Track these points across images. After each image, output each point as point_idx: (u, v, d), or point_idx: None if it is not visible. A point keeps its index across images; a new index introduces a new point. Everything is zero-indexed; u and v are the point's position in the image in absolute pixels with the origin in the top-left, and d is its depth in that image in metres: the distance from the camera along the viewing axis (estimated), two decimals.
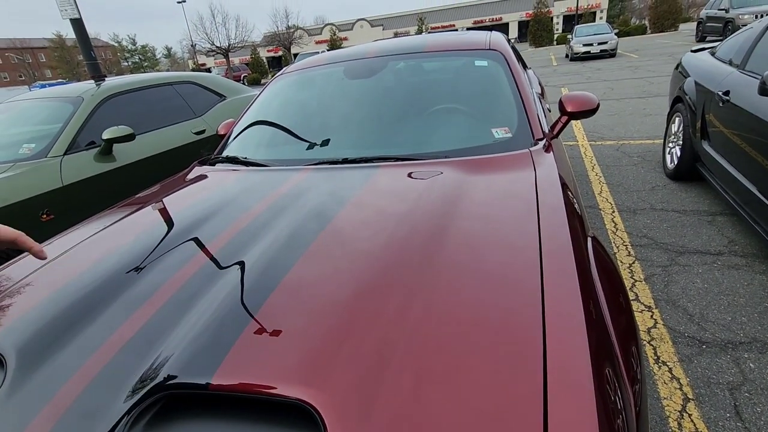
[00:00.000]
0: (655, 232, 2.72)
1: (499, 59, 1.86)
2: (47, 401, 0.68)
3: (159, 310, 0.84)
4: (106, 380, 0.70)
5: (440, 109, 1.77)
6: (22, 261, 1.25)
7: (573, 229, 0.98)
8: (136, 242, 1.16)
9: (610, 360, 0.68)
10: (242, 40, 37.79)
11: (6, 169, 2.43)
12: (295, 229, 1.07)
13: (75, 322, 0.85)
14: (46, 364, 0.76)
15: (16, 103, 3.23)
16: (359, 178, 1.36)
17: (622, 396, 0.64)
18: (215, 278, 0.92)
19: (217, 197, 1.38)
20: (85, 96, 2.96)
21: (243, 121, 2.08)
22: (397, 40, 2.31)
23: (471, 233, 0.98)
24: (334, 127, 1.84)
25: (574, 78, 10.68)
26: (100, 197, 2.73)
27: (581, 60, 15.13)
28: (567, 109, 1.68)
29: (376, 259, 0.90)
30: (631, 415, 0.63)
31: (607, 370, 0.64)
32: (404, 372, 0.63)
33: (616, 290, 0.92)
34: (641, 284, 2.21)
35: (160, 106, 3.41)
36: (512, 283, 0.80)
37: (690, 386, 1.58)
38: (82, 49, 6.85)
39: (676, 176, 3.44)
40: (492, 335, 0.68)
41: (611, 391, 0.62)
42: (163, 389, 0.65)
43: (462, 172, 1.31)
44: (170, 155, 3.22)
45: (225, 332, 0.74)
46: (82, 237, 1.30)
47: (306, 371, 0.65)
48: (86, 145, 2.78)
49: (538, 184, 1.19)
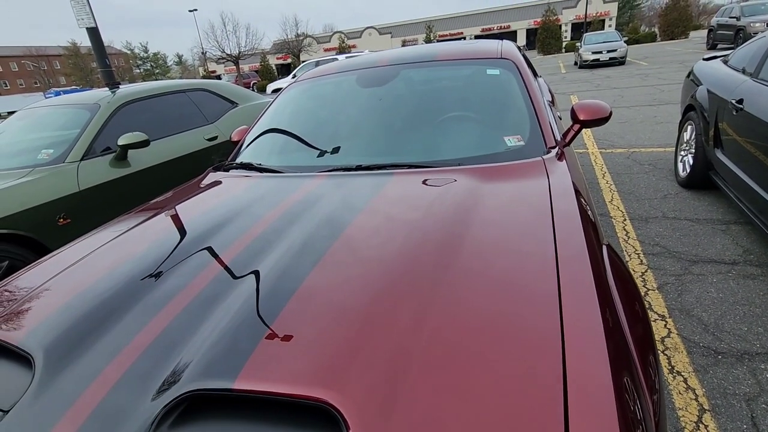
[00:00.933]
0: (668, 240, 2.70)
1: (511, 68, 1.87)
2: (74, 401, 0.70)
3: (178, 315, 0.86)
4: (131, 382, 0.72)
5: (452, 117, 1.79)
6: (43, 264, 1.28)
7: (588, 236, 0.98)
8: (153, 248, 1.18)
9: (628, 369, 0.67)
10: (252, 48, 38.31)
11: (25, 174, 2.49)
12: (309, 237, 1.08)
13: (97, 325, 0.87)
14: (72, 365, 0.78)
15: (35, 109, 3.31)
16: (373, 186, 1.37)
17: (641, 406, 0.64)
18: (232, 285, 0.93)
19: (232, 204, 1.40)
20: (102, 103, 3.02)
21: (257, 128, 2.11)
22: (408, 49, 2.34)
23: (486, 241, 0.98)
24: (347, 134, 1.86)
25: (583, 86, 10.66)
26: (115, 202, 2.78)
27: (590, 68, 15.10)
28: (579, 117, 1.69)
29: (392, 266, 0.91)
30: (651, 425, 0.63)
31: (626, 380, 0.64)
32: (421, 377, 0.64)
33: (632, 298, 0.92)
34: (654, 293, 2.18)
35: (174, 112, 3.48)
36: (529, 291, 0.80)
37: (706, 397, 1.56)
38: (97, 57, 7.00)
39: (689, 184, 3.41)
40: (509, 343, 0.69)
41: (631, 401, 0.62)
42: (187, 390, 0.66)
43: (475, 179, 1.32)
44: (183, 161, 3.27)
45: (245, 337, 0.76)
46: (102, 241, 1.33)
47: (327, 374, 0.66)
48: (102, 150, 2.84)
49: (552, 192, 1.19)
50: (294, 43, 40.94)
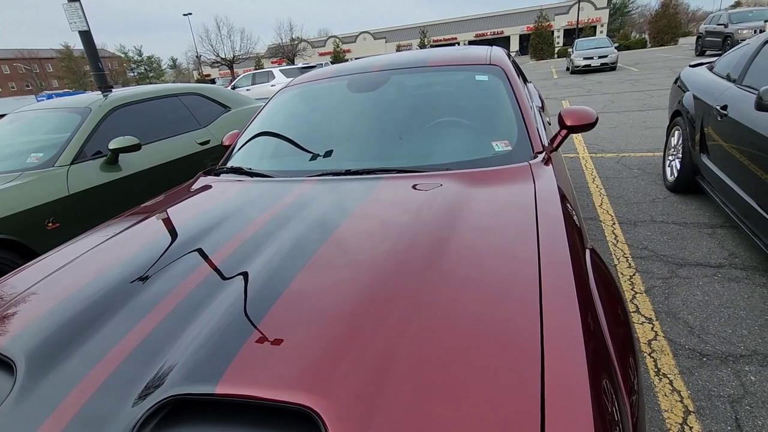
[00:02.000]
0: (656, 244, 2.73)
1: (500, 74, 1.90)
2: (56, 406, 0.70)
3: (164, 319, 0.86)
4: (114, 386, 0.72)
5: (441, 122, 1.81)
6: (29, 269, 1.28)
7: (572, 241, 1.00)
8: (141, 252, 1.18)
9: (607, 371, 0.69)
10: (247, 52, 38.31)
11: (14, 178, 2.47)
12: (298, 240, 1.09)
13: (82, 331, 0.87)
14: (54, 370, 0.78)
15: (25, 112, 3.28)
16: (362, 190, 1.39)
17: (619, 407, 0.65)
18: (219, 288, 0.93)
19: (222, 208, 1.41)
20: (93, 107, 3.01)
21: (248, 133, 2.12)
22: (399, 55, 2.36)
23: (471, 245, 1.00)
24: (337, 139, 1.88)
25: (575, 91, 10.78)
26: (106, 206, 2.76)
27: (582, 73, 15.27)
28: (566, 122, 1.71)
29: (378, 270, 0.92)
30: (628, 426, 0.64)
31: (604, 382, 0.65)
32: (404, 381, 0.65)
33: (615, 302, 0.94)
34: (642, 296, 2.21)
35: (166, 116, 3.47)
36: (511, 294, 0.82)
37: (691, 399, 1.58)
38: (90, 60, 6.97)
39: (676, 189, 3.46)
40: (490, 346, 0.70)
41: (608, 402, 0.63)
42: (169, 395, 0.66)
43: (462, 184, 1.34)
44: (175, 165, 3.26)
45: (229, 340, 0.76)
46: (90, 245, 1.32)
47: (309, 378, 0.66)
48: (93, 154, 2.83)
49: (538, 197, 1.21)
50: (288, 48, 41.02)
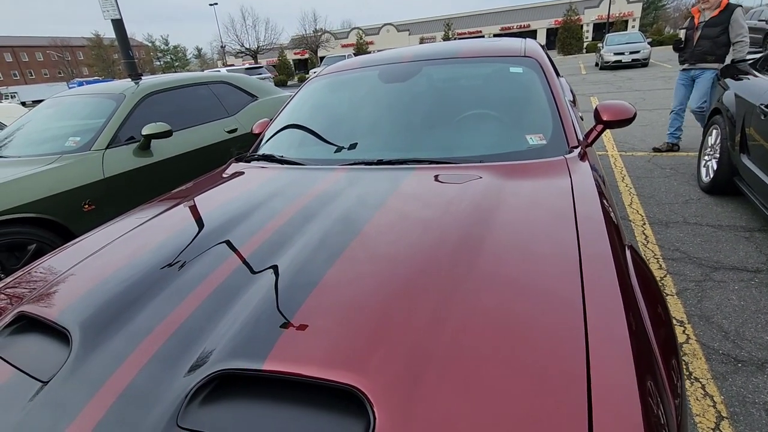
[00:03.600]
0: (688, 246, 2.65)
1: (535, 66, 1.86)
2: (109, 375, 0.73)
3: (205, 300, 0.88)
4: (162, 361, 0.74)
5: (474, 114, 1.78)
6: (72, 247, 1.33)
7: (611, 238, 0.98)
8: (180, 234, 1.21)
9: (652, 373, 0.67)
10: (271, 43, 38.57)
11: (54, 160, 2.57)
12: (333, 228, 1.10)
13: (126, 308, 0.90)
14: (105, 342, 0.81)
15: (63, 98, 3.40)
16: (393, 180, 1.38)
17: (664, 409, 0.63)
18: (257, 272, 0.95)
19: (255, 195, 1.43)
20: (127, 93, 3.09)
21: (279, 121, 2.14)
22: (431, 45, 2.33)
23: (509, 240, 0.98)
24: (369, 128, 1.88)
25: (603, 87, 10.48)
26: (138, 190, 2.84)
27: (612, 69, 14.82)
28: (603, 117, 1.67)
29: (413, 263, 0.91)
30: (674, 429, 0.63)
31: (650, 384, 0.64)
32: (447, 371, 0.65)
33: (656, 301, 0.91)
34: (673, 299, 2.15)
35: (196, 104, 3.53)
36: (552, 292, 0.80)
37: (724, 404, 1.53)
38: (121, 48, 7.14)
39: (712, 190, 3.33)
40: (533, 342, 0.69)
41: (654, 405, 0.61)
42: (218, 369, 0.68)
43: (497, 177, 1.32)
44: (203, 152, 3.33)
45: (272, 322, 0.78)
46: (128, 227, 1.36)
47: (353, 359, 0.67)
48: (126, 140, 2.91)
49: (575, 192, 1.18)
50: (312, 39, 41.10)
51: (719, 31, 3.98)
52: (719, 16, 3.97)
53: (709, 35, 4.03)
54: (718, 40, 3.99)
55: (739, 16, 3.90)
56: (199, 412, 0.65)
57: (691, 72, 4.25)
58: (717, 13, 3.98)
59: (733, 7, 3.95)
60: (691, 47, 4.18)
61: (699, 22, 4.10)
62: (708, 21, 4.02)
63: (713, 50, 4.03)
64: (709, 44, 4.03)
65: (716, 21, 3.98)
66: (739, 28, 3.90)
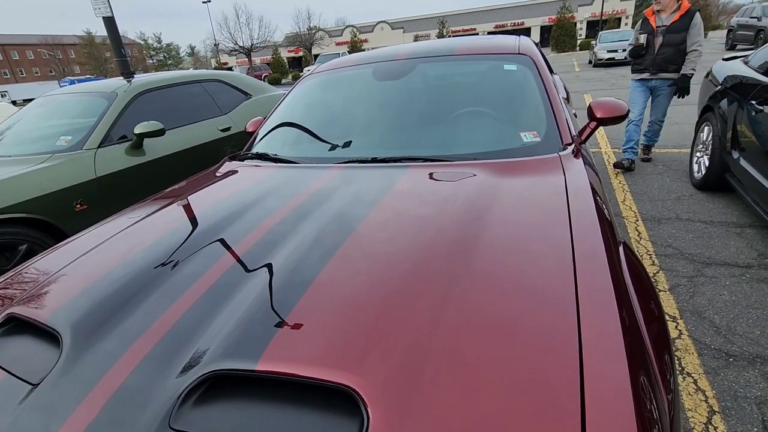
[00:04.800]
0: (681, 242, 2.67)
1: (529, 64, 1.86)
2: (101, 377, 0.72)
3: (197, 301, 0.87)
4: (154, 362, 0.73)
5: (468, 111, 1.79)
6: (63, 248, 1.31)
7: (605, 234, 0.98)
8: (172, 234, 1.20)
9: (645, 369, 0.67)
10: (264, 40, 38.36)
11: (45, 160, 2.54)
12: (327, 228, 1.09)
13: (118, 309, 0.89)
14: (96, 344, 0.80)
15: (54, 96, 3.36)
16: (387, 179, 1.38)
17: (657, 405, 0.64)
18: (250, 272, 0.94)
19: (249, 194, 1.42)
20: (119, 91, 3.06)
21: (272, 119, 2.13)
22: (426, 43, 2.33)
23: (502, 237, 0.98)
24: (362, 126, 1.87)
25: (597, 84, 10.53)
26: (130, 189, 2.82)
27: (605, 66, 14.90)
28: (596, 114, 1.67)
29: (409, 260, 0.91)
30: (666, 424, 0.63)
31: (642, 379, 0.64)
32: (441, 370, 0.65)
33: (648, 297, 0.92)
34: (665, 294, 2.17)
35: (189, 103, 3.50)
36: (546, 289, 0.80)
37: (716, 399, 1.55)
38: (113, 46, 7.06)
39: (704, 186, 3.37)
40: (527, 341, 0.69)
41: (647, 401, 0.62)
42: (211, 370, 0.68)
43: (491, 174, 1.32)
44: (197, 151, 3.31)
45: (265, 322, 0.77)
46: (119, 227, 1.35)
47: (347, 359, 0.67)
48: (119, 138, 2.88)
49: (569, 189, 1.19)
50: (306, 37, 40.91)
51: (682, 38, 3.62)
52: (681, 21, 3.60)
53: (673, 42, 3.65)
54: (681, 48, 3.64)
55: (700, 23, 3.60)
56: (192, 413, 0.64)
57: (652, 82, 3.89)
58: (678, 17, 3.61)
59: (693, 11, 3.62)
60: (652, 54, 3.77)
61: (657, 27, 3.72)
62: (670, 26, 3.64)
63: (675, 58, 3.69)
64: (672, 52, 3.67)
65: (678, 26, 3.61)
66: (696, 35, 3.59)
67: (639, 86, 3.99)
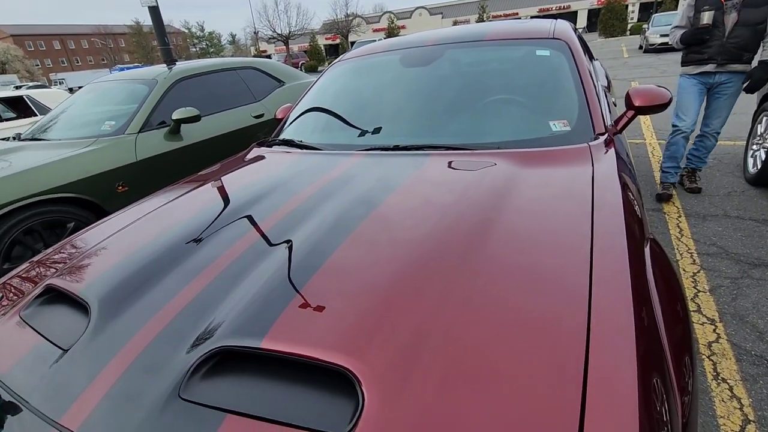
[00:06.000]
0: (727, 240, 2.50)
1: (563, 48, 1.77)
2: (121, 347, 0.77)
3: (215, 279, 0.91)
4: (169, 335, 0.78)
5: (496, 99, 1.73)
6: (101, 225, 1.40)
7: (629, 229, 0.93)
8: (198, 215, 1.25)
9: (659, 369, 0.65)
10: (302, 28, 38.68)
11: (91, 143, 2.70)
12: (341, 213, 1.10)
13: (142, 284, 0.95)
14: (119, 316, 0.86)
15: (100, 84, 3.55)
16: (408, 166, 1.37)
17: (669, 407, 0.61)
18: (265, 254, 0.97)
19: (272, 178, 1.45)
20: (159, 78, 3.18)
21: (300, 106, 2.15)
22: (456, 28, 2.27)
23: (519, 228, 0.96)
24: (387, 114, 1.86)
25: (647, 71, 9.91)
26: (168, 173, 2.95)
27: (657, 52, 13.97)
28: (634, 103, 1.57)
29: (419, 247, 0.91)
30: (677, 426, 0.61)
31: (655, 380, 0.62)
32: (439, 357, 0.65)
33: (674, 297, 0.87)
34: (705, 295, 2.05)
35: (224, 90, 3.60)
36: (558, 281, 0.78)
37: (752, 407, 1.46)
38: (158, 35, 7.36)
39: (758, 182, 3.12)
40: (531, 333, 0.67)
41: (658, 401, 0.59)
42: (219, 345, 0.71)
43: (514, 164, 1.28)
44: (231, 137, 3.40)
45: (273, 302, 0.80)
46: (151, 208, 1.42)
47: (348, 342, 0.68)
48: (158, 124, 3.01)
49: (595, 181, 1.13)
50: (343, 24, 40.87)
51: (764, 15, 2.57)
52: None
53: (751, 20, 2.59)
54: (759, 29, 2.61)
55: None
56: (200, 385, 0.68)
57: (716, 77, 2.83)
58: None
59: None
60: (720, 39, 2.70)
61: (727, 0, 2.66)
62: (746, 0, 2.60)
63: (751, 44, 2.67)
64: (749, 34, 2.63)
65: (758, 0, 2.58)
66: None
67: (695, 84, 2.91)
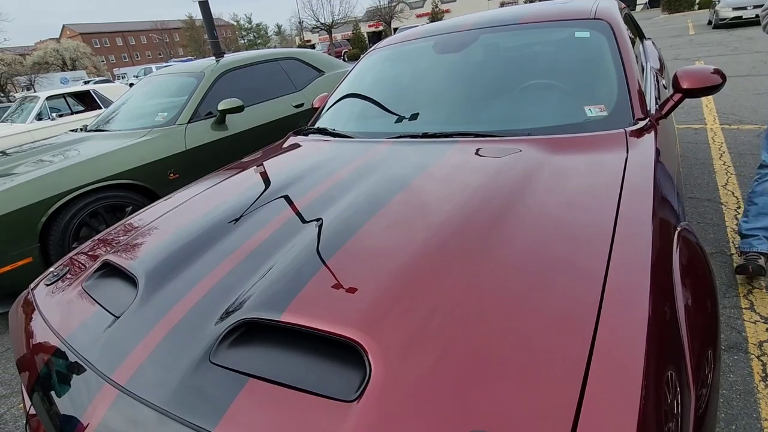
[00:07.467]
0: None
1: (604, 29, 1.68)
2: (163, 316, 0.87)
3: (248, 256, 1.00)
4: (203, 307, 0.87)
5: (531, 84, 1.69)
6: (152, 208, 1.53)
7: (658, 218, 0.90)
8: (237, 199, 1.35)
9: (674, 361, 0.64)
10: (345, 16, 38.76)
11: (146, 134, 2.92)
12: (367, 196, 1.15)
13: (184, 260, 1.06)
14: (162, 289, 0.96)
15: (154, 77, 3.79)
16: (436, 154, 1.38)
17: (682, 400, 0.60)
18: (294, 233, 1.05)
19: (305, 164, 1.52)
20: (206, 71, 3.36)
21: (335, 95, 2.20)
22: (492, 12, 2.21)
23: (541, 214, 0.95)
24: (419, 101, 1.87)
25: (715, 49, 9.06)
26: (214, 161, 3.13)
27: (728, 27, 12.70)
28: (682, 85, 1.47)
29: (440, 229, 0.94)
30: (688, 419, 0.60)
31: (669, 372, 0.61)
32: (448, 337, 0.68)
33: (703, 291, 0.84)
34: (760, 292, 1.90)
35: (267, 80, 3.74)
36: (575, 269, 0.78)
37: None
38: (207, 28, 7.69)
39: None
40: (542, 317, 0.69)
41: (669, 394, 0.59)
42: (243, 317, 0.79)
43: (544, 150, 1.26)
44: (272, 126, 3.54)
45: (296, 278, 0.87)
46: (196, 192, 1.54)
47: (360, 317, 0.73)
48: (206, 115, 3.19)
49: (627, 168, 1.09)
50: (386, 10, 40.51)
51: None
52: None
53: None
54: None
55: None
56: (228, 351, 0.76)
57: None
58: None
59: None
60: None
61: None
62: None
63: None
64: None
65: None
66: None
67: None
